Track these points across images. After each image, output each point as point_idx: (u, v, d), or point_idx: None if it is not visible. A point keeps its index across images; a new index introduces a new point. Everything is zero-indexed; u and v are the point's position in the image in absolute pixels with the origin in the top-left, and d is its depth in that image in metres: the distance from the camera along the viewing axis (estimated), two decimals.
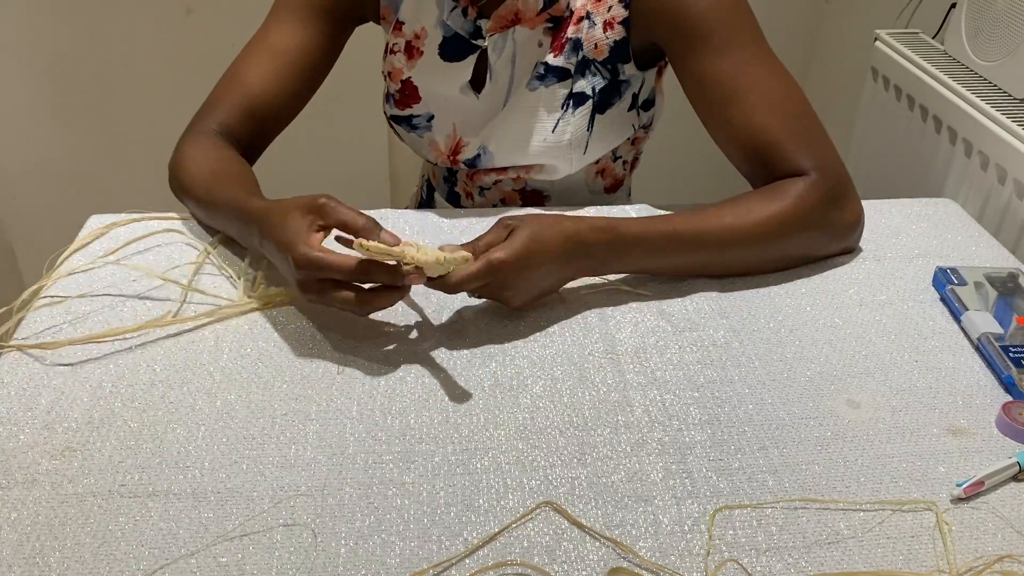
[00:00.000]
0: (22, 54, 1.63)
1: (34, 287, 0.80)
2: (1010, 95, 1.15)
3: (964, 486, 0.62)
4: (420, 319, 0.79)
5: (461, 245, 0.75)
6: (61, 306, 0.79)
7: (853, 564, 0.57)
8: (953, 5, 1.31)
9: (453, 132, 1.00)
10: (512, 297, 0.76)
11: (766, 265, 0.85)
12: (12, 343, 0.74)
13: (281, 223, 0.72)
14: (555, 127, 0.95)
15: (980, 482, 0.62)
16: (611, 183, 1.07)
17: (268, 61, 0.94)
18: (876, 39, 1.39)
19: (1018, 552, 0.58)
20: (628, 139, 1.02)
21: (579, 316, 0.79)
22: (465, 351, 0.75)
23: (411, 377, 0.72)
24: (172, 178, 0.90)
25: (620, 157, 1.05)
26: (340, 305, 0.72)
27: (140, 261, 0.85)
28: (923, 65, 1.26)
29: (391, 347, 0.75)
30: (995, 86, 1.18)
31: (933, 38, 1.36)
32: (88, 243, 0.88)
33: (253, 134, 0.94)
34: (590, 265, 0.80)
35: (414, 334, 0.77)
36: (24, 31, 1.61)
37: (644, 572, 0.56)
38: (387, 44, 1.00)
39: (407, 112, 1.01)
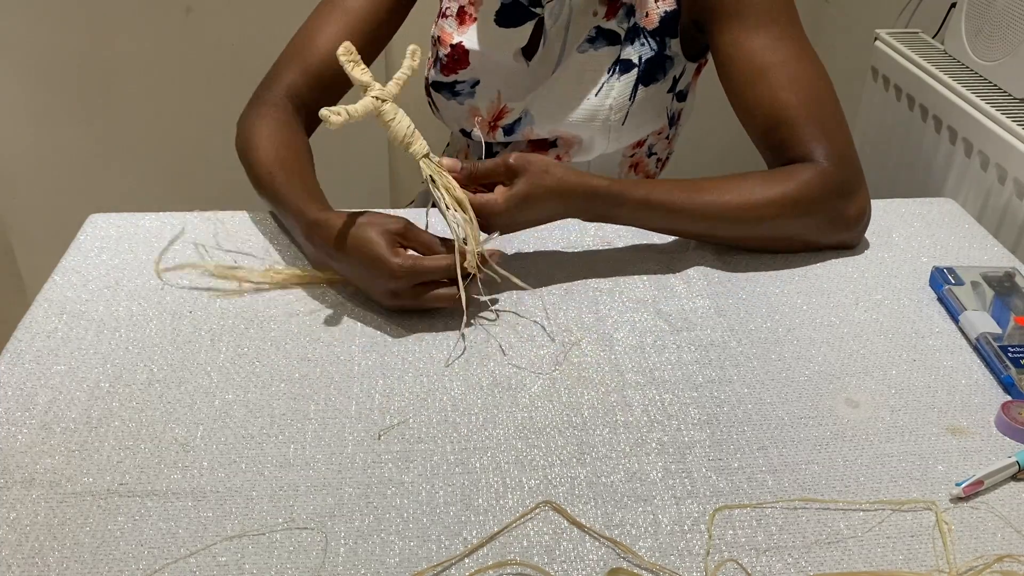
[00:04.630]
0: (22, 54, 1.63)
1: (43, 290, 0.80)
2: (1010, 95, 1.15)
3: (963, 485, 0.62)
4: (419, 319, 0.79)
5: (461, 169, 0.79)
6: (60, 305, 0.79)
7: (853, 564, 0.57)
8: (953, 5, 1.31)
9: (497, 99, 1.02)
10: (494, 227, 0.80)
11: (762, 244, 0.87)
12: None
13: (364, 242, 0.75)
14: (599, 91, 0.96)
15: (979, 481, 0.62)
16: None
17: (338, 22, 0.95)
18: (876, 39, 1.39)
19: (1018, 552, 0.58)
20: (663, 135, 1.04)
21: (577, 316, 0.79)
22: (464, 351, 0.75)
23: (410, 377, 0.72)
24: (238, 147, 0.92)
25: (655, 153, 1.06)
26: (437, 303, 0.77)
27: (140, 259, 0.85)
28: (923, 65, 1.26)
29: (390, 347, 0.75)
30: (995, 86, 1.18)
31: (933, 38, 1.36)
32: (88, 244, 0.88)
33: (320, 98, 0.94)
34: (587, 215, 0.83)
35: (413, 334, 0.77)
36: (24, 31, 1.61)
37: (643, 572, 0.56)
38: (440, 8, 1.02)
39: (451, 78, 1.01)
